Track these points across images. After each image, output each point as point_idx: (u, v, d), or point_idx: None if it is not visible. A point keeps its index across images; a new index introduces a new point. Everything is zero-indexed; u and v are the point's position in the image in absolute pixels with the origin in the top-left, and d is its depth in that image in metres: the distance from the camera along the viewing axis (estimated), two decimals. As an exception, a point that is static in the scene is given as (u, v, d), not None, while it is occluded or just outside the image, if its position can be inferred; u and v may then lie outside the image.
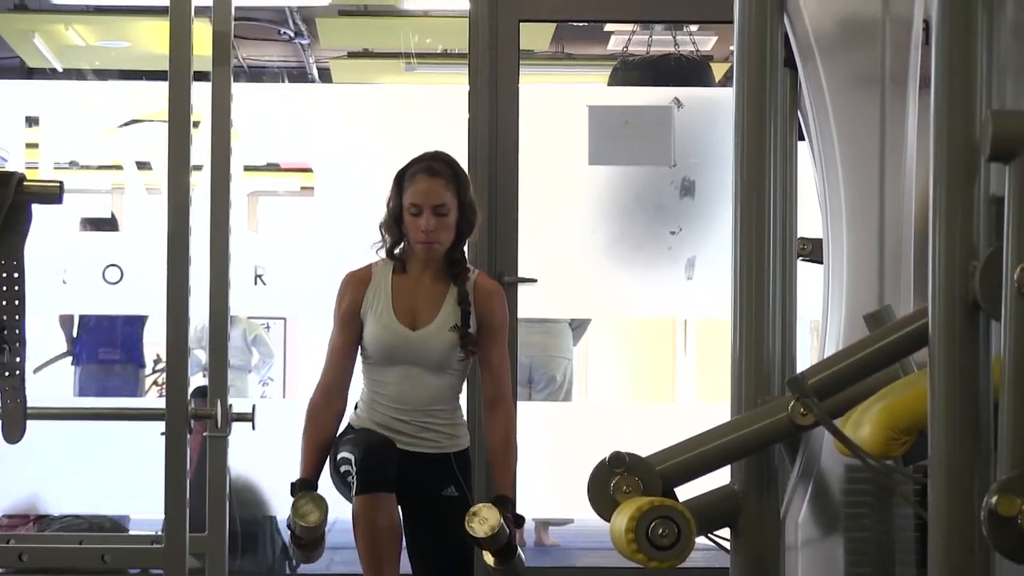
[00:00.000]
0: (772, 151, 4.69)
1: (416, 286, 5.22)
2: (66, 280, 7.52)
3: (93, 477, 7.41)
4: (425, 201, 5.09)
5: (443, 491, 5.16)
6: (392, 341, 5.14)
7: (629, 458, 4.35)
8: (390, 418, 5.15)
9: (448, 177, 5.16)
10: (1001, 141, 3.37)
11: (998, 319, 3.40)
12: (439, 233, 5.10)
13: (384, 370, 5.18)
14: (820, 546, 4.45)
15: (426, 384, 5.17)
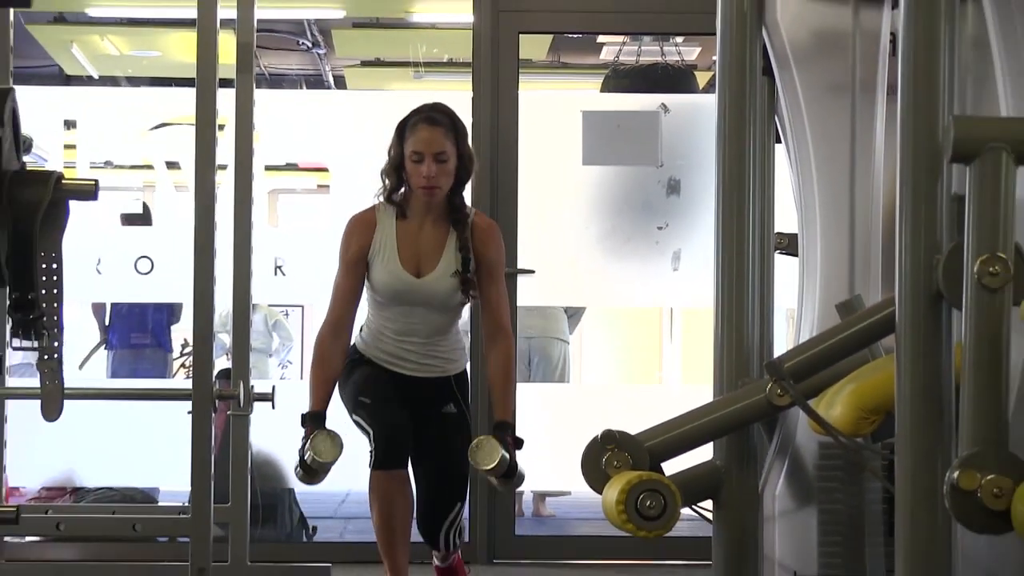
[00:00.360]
0: (751, 153, 4.71)
1: (419, 232, 5.19)
2: (100, 270, 7.52)
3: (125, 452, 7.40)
4: (426, 149, 5.05)
5: (443, 408, 5.23)
6: (399, 287, 5.13)
7: (619, 436, 4.37)
8: (396, 348, 5.18)
9: (448, 127, 5.14)
10: (962, 144, 3.38)
11: (959, 308, 3.40)
12: (439, 179, 5.07)
13: (391, 308, 5.19)
14: (795, 517, 4.46)
15: (430, 321, 5.18)
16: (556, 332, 9.71)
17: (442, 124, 5.12)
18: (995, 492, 3.21)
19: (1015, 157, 3.35)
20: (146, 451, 7.24)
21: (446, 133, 5.12)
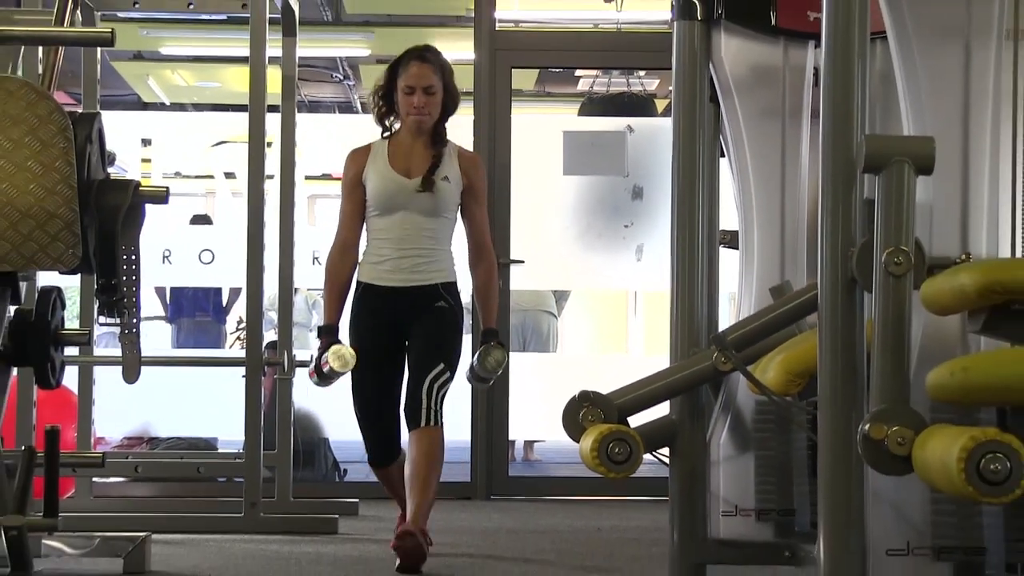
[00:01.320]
0: (701, 165, 4.71)
1: (410, 150, 4.91)
2: (171, 261, 7.53)
3: (190, 409, 7.42)
4: (417, 83, 4.82)
5: (435, 304, 4.87)
6: (392, 189, 4.85)
7: (593, 395, 4.38)
8: (392, 257, 4.87)
9: (436, 64, 4.90)
10: (872, 158, 3.37)
11: (870, 291, 3.40)
12: (429, 107, 4.82)
13: (386, 219, 4.88)
14: (736, 462, 4.45)
15: (422, 227, 4.86)
16: (545, 306, 9.75)
17: (431, 62, 4.89)
18: (899, 441, 3.21)
19: (915, 168, 3.35)
20: (207, 407, 7.26)
21: (435, 70, 4.88)
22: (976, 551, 3.49)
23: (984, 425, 3.01)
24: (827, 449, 3.52)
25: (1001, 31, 3.57)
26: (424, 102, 4.80)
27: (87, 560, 4.64)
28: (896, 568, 3.51)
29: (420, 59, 4.87)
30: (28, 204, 3.83)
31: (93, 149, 4.07)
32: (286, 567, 4.67)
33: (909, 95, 3.66)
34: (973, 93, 3.59)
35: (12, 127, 3.80)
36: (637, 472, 4.27)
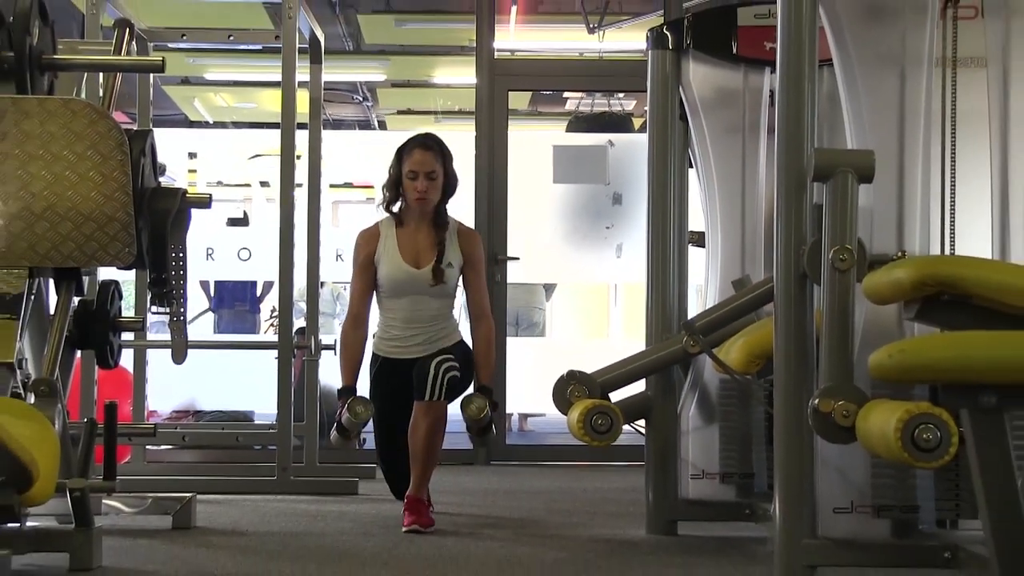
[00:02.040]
0: (672, 175, 4.71)
1: (415, 235, 4.71)
2: (213, 258, 7.53)
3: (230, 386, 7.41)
4: (420, 168, 4.64)
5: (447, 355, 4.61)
6: (401, 277, 4.67)
7: (579, 374, 4.38)
8: (403, 334, 4.71)
9: (437, 151, 4.71)
10: (820, 169, 3.37)
11: (819, 284, 3.40)
12: (430, 192, 4.64)
13: (396, 300, 4.72)
14: (703, 432, 4.44)
15: (429, 306, 4.70)
16: (536, 303, 9.74)
17: (432, 149, 4.71)
18: (844, 414, 3.21)
19: (858, 177, 3.35)
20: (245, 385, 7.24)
21: (435, 156, 4.69)
22: (910, 509, 3.49)
23: (918, 400, 3.00)
24: (782, 421, 3.51)
25: (931, 59, 3.56)
26: (426, 187, 4.64)
27: (141, 517, 4.64)
28: (841, 524, 3.50)
29: (423, 147, 4.72)
30: (90, 209, 3.82)
31: (146, 161, 4.06)
32: (313, 523, 4.67)
33: (852, 114, 3.65)
34: (907, 112, 3.58)
35: (76, 142, 3.79)
36: (617, 441, 4.30)
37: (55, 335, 3.92)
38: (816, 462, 3.47)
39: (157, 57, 5.14)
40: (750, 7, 4.62)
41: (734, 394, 4.38)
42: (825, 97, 3.72)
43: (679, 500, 4.47)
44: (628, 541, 4.34)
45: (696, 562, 3.89)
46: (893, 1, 3.55)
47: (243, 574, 3.60)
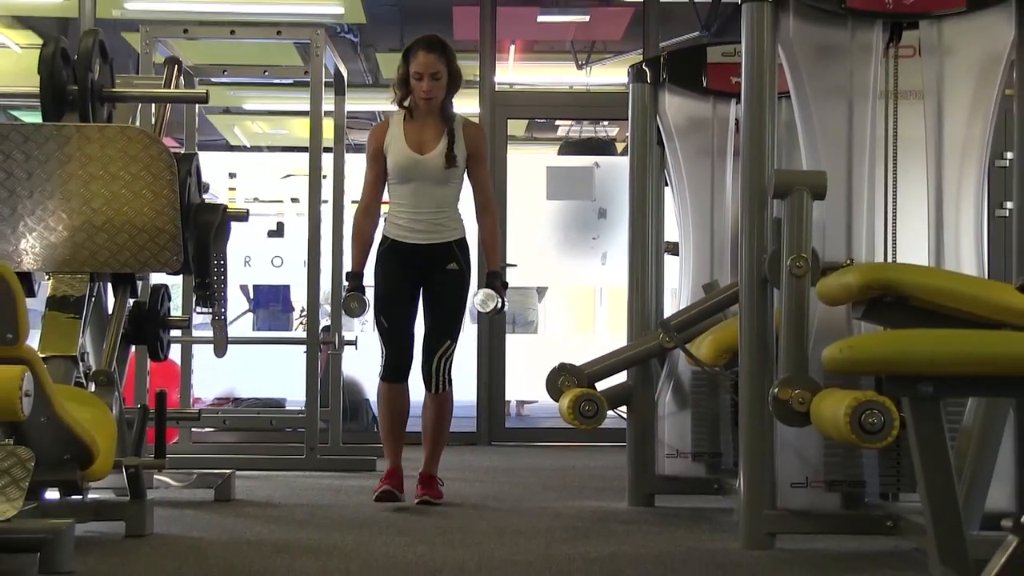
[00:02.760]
0: (650, 193, 4.71)
1: (422, 128, 4.40)
2: (251, 265, 7.52)
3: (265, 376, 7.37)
4: (424, 70, 4.31)
5: (448, 266, 4.38)
6: (406, 163, 4.36)
7: (569, 366, 4.38)
8: (410, 220, 4.39)
9: (440, 52, 4.36)
10: (779, 187, 3.37)
11: (778, 288, 3.40)
12: (435, 91, 4.33)
13: (403, 187, 4.41)
14: (677, 416, 4.44)
15: (433, 193, 4.38)
16: (531, 304, 9.74)
17: (436, 50, 4.35)
18: (800, 401, 3.21)
19: (812, 195, 3.35)
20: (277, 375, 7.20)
21: (439, 57, 4.34)
22: (858, 484, 3.49)
23: (865, 389, 3.01)
24: (746, 407, 3.52)
25: (876, 92, 3.57)
26: (431, 87, 4.32)
27: (187, 491, 4.64)
28: (797, 497, 3.50)
29: (427, 48, 4.35)
30: (143, 222, 3.82)
31: (192, 180, 4.06)
32: (336, 496, 4.67)
33: (806, 140, 3.66)
34: (855, 138, 3.59)
35: (132, 164, 3.79)
36: (602, 424, 4.30)
37: (113, 332, 3.92)
38: (775, 443, 3.48)
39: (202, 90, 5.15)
40: (718, 46, 4.63)
41: (704, 384, 4.38)
42: (783, 125, 3.72)
43: (656, 476, 4.47)
44: (612, 511, 4.34)
45: (671, 530, 3.89)
46: (842, 41, 3.56)
47: (276, 540, 3.60)
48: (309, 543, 3.54)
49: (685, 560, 3.28)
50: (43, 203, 3.78)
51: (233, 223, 4.34)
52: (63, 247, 3.82)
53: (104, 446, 3.38)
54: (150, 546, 3.45)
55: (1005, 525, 1.67)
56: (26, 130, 3.79)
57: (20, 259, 3.78)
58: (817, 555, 3.37)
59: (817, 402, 3.16)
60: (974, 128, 3.55)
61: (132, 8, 7.39)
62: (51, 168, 3.76)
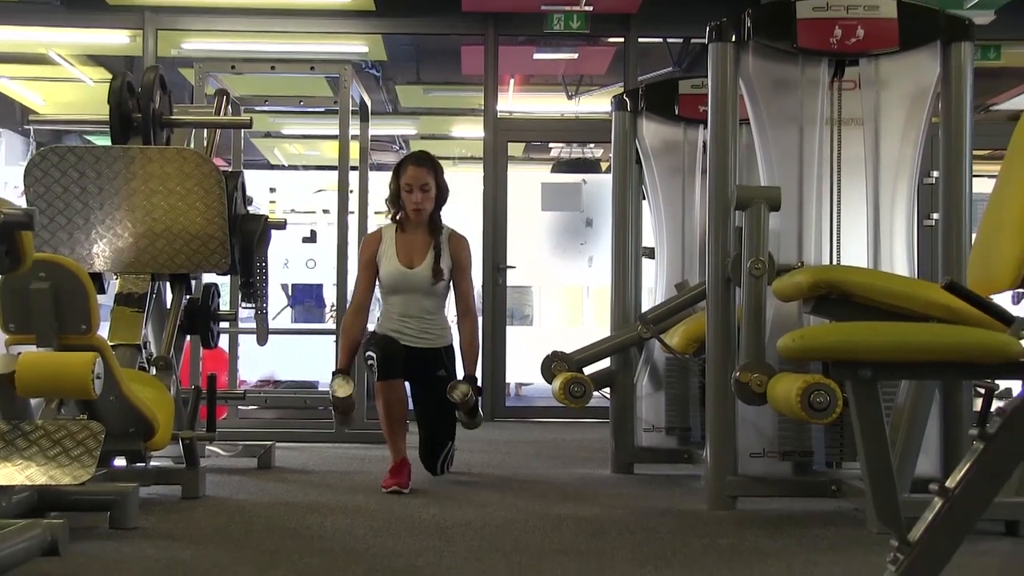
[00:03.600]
0: (630, 205, 4.71)
1: (412, 241, 4.12)
2: (288, 266, 7.52)
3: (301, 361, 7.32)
4: (414, 182, 4.06)
5: (436, 372, 4.11)
6: (397, 276, 4.08)
7: (560, 353, 4.38)
8: (399, 325, 4.09)
9: (429, 166, 4.12)
10: (741, 200, 3.37)
11: (739, 286, 3.41)
12: (424, 203, 4.08)
13: (393, 296, 4.14)
14: (653, 397, 4.44)
15: (421, 303, 4.09)
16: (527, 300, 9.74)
17: (425, 164, 4.12)
18: (758, 383, 3.21)
19: (768, 206, 3.35)
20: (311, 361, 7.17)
21: (428, 171, 4.11)
22: (807, 454, 3.50)
23: (813, 373, 3.02)
24: (712, 388, 3.53)
25: (822, 119, 3.57)
26: (420, 198, 4.08)
27: (234, 459, 4.65)
28: (756, 465, 3.51)
29: (417, 163, 4.14)
30: (196, 230, 3.82)
31: (238, 194, 4.06)
32: (361, 464, 4.67)
33: (763, 159, 3.66)
34: (805, 158, 3.59)
35: (186, 180, 3.79)
36: (589, 403, 4.30)
37: (170, 324, 3.93)
38: (737, 419, 3.48)
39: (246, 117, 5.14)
40: (688, 80, 4.63)
41: (676, 368, 4.39)
42: (744, 147, 3.73)
43: (635, 447, 4.47)
44: (597, 477, 4.34)
45: (648, 492, 3.89)
46: (793, 76, 3.56)
47: (310, 502, 3.60)
48: (338, 504, 3.54)
49: (660, 519, 3.29)
50: (112, 214, 3.79)
51: (273, 231, 4.34)
52: (128, 251, 3.82)
53: (163, 421, 3.39)
54: (203, 506, 3.46)
55: (932, 489, 1.67)
56: (98, 152, 3.80)
57: (92, 261, 3.78)
58: (772, 514, 3.37)
59: (772, 384, 3.16)
60: (906, 150, 3.56)
61: (187, 47, 7.39)
62: (118, 184, 3.77)
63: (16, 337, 3.16)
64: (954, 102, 3.42)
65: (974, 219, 3.10)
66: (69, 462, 3.02)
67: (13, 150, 9.87)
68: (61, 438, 3.06)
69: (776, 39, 3.48)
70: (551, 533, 3.02)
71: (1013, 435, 1.63)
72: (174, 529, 3.05)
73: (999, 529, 3.04)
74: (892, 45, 3.45)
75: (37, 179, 3.73)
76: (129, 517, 3.01)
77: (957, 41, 3.41)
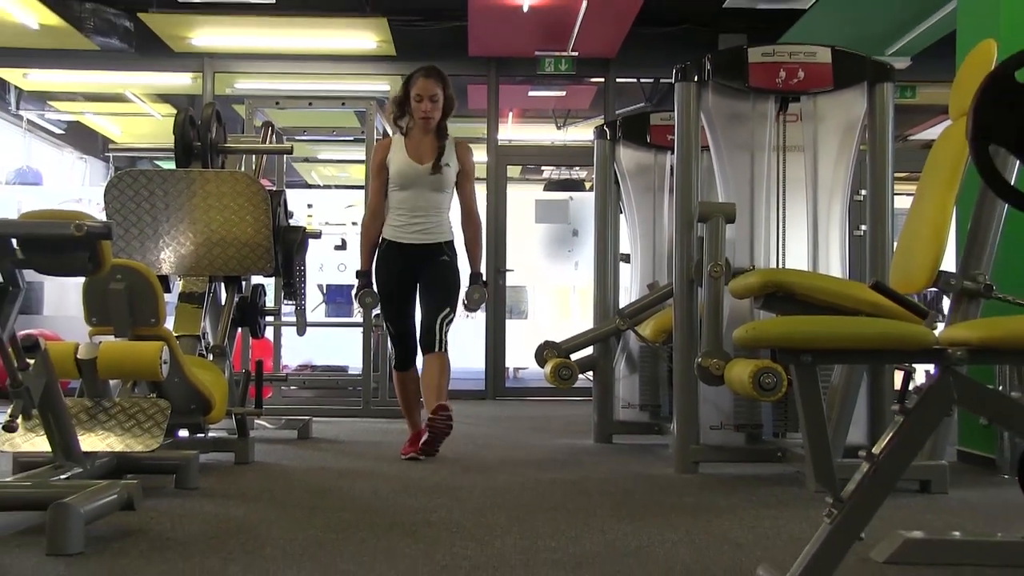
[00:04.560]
0: (609, 218, 4.70)
1: (420, 143, 3.76)
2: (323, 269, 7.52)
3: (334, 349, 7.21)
4: (424, 92, 3.69)
5: (440, 258, 3.75)
6: (407, 170, 3.73)
7: (551, 342, 4.38)
8: (407, 223, 3.76)
9: (438, 78, 3.74)
10: (702, 214, 3.38)
11: (701, 286, 3.41)
12: (433, 112, 3.72)
13: (403, 192, 3.76)
14: (629, 378, 4.45)
15: (428, 198, 3.75)
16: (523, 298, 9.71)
17: (434, 76, 3.72)
18: (716, 367, 3.22)
19: (725, 219, 3.36)
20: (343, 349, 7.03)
21: (437, 83, 3.72)
22: (757, 426, 3.51)
23: (763, 358, 3.03)
24: (678, 371, 3.53)
25: (770, 146, 3.58)
26: (430, 107, 3.71)
27: (278, 431, 4.65)
28: (715, 436, 3.52)
29: (427, 74, 3.73)
30: (247, 239, 3.83)
31: (281, 210, 4.07)
32: (385, 436, 4.66)
33: (721, 180, 3.67)
34: (756, 179, 3.60)
35: (238, 198, 3.80)
36: (575, 385, 4.31)
37: (225, 317, 3.93)
38: (699, 397, 3.49)
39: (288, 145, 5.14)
40: (658, 113, 4.65)
41: (648, 355, 4.40)
42: (705, 170, 3.74)
43: (614, 421, 4.48)
44: (582, 447, 4.34)
45: (625, 458, 3.90)
46: (746, 110, 3.57)
47: (341, 467, 3.61)
48: (365, 469, 3.55)
49: (635, 481, 3.29)
50: (176, 226, 3.79)
51: (310, 240, 4.35)
52: (189, 257, 3.83)
53: (219, 399, 3.40)
54: (252, 471, 3.46)
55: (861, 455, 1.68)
56: (164, 174, 3.80)
57: (160, 265, 3.79)
58: (728, 477, 3.38)
59: (729, 368, 3.17)
60: (839, 173, 3.57)
61: (239, 87, 7.40)
62: (181, 201, 3.78)
63: (97, 329, 3.18)
64: (878, 133, 3.43)
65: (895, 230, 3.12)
66: (141, 433, 3.03)
67: (95, 174, 9.90)
68: (135, 413, 3.07)
69: (731, 79, 3.50)
70: (544, 493, 3.03)
71: (927, 410, 1.65)
72: (228, 489, 3.06)
73: (915, 487, 3.06)
74: (827, 85, 3.46)
75: (115, 197, 3.75)
76: (191, 479, 3.02)
77: (881, 82, 3.43)
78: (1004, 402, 1.69)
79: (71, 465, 2.63)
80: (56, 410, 2.58)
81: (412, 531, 2.40)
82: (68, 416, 2.66)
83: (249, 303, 4.09)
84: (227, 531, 2.38)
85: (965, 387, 1.64)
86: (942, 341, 1.65)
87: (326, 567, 2.02)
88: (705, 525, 2.51)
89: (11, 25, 6.44)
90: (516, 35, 6.70)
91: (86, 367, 3.02)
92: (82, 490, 2.26)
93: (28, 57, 7.19)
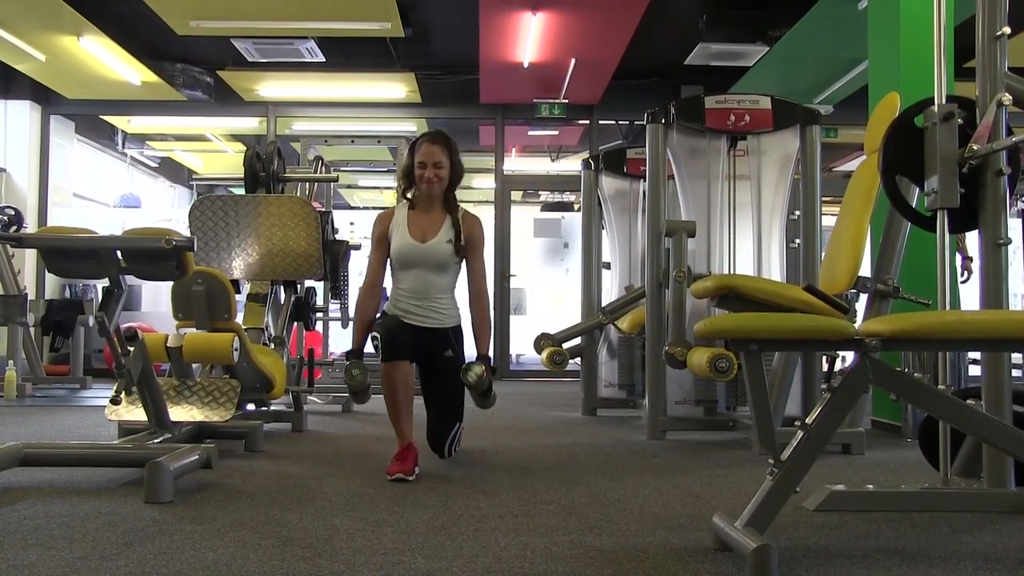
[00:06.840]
0: (593, 233, 4.69)
1: (423, 217, 2.82)
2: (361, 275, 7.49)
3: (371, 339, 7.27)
4: (428, 159, 2.79)
5: (444, 353, 2.79)
6: (408, 250, 2.78)
7: (546, 333, 4.38)
8: (409, 304, 2.78)
9: (443, 144, 2.83)
10: (668, 230, 3.38)
11: (668, 289, 3.41)
12: (436, 177, 2.78)
13: (404, 273, 2.81)
14: (610, 363, 4.45)
15: (431, 280, 2.78)
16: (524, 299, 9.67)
17: (439, 142, 2.83)
18: (680, 354, 3.22)
19: (688, 234, 3.36)
20: (378, 339, 7.12)
21: (442, 149, 2.82)
22: (713, 402, 3.51)
23: (718, 347, 3.03)
24: (649, 357, 3.53)
25: (722, 176, 3.59)
26: (433, 174, 2.79)
27: (325, 406, 4.65)
28: (679, 410, 3.52)
29: (431, 141, 2.84)
30: (300, 250, 3.84)
31: (328, 227, 4.07)
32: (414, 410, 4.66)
33: (683, 203, 3.67)
34: (711, 202, 3.60)
35: (294, 217, 3.80)
36: (566, 368, 4.31)
37: (283, 313, 3.94)
38: (666, 378, 3.50)
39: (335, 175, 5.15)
40: (633, 148, 4.65)
41: (625, 344, 4.40)
42: (670, 195, 3.75)
43: (597, 398, 4.48)
44: (571, 419, 4.33)
45: (606, 428, 3.89)
46: (703, 146, 3.58)
47: (376, 434, 3.61)
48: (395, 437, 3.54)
49: (614, 446, 3.29)
50: (245, 240, 3.81)
51: (352, 251, 4.36)
52: (256, 265, 3.84)
53: (279, 379, 3.41)
54: (305, 438, 3.46)
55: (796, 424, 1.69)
56: (236, 199, 3.82)
57: (232, 272, 3.80)
58: (691, 442, 3.38)
59: (690, 355, 3.18)
60: (778, 197, 3.58)
61: (296, 128, 7.44)
62: (249, 220, 3.79)
63: (182, 322, 3.20)
64: (809, 165, 3.44)
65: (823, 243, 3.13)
66: (217, 406, 3.05)
67: (182, 199, 9.97)
68: (212, 390, 3.09)
69: (691, 121, 3.51)
70: (540, 456, 3.02)
71: (849, 388, 1.66)
72: (287, 452, 3.06)
73: (838, 450, 3.07)
74: (768, 126, 3.47)
75: (197, 217, 3.76)
76: (257, 443, 3.04)
77: (810, 124, 3.44)
78: (909, 381, 1.70)
79: (162, 431, 2.66)
80: (151, 387, 2.61)
81: (434, 487, 2.41)
82: (160, 392, 2.68)
83: (303, 302, 4.10)
84: (286, 486, 2.39)
85: (878, 370, 1.65)
86: (861, 333, 1.66)
87: (365, 515, 2.03)
88: (671, 481, 2.52)
89: (119, 82, 6.69)
90: (518, 86, 6.73)
91: (174, 353, 3.05)
92: (171, 451, 2.29)
93: (131, 107, 7.39)
